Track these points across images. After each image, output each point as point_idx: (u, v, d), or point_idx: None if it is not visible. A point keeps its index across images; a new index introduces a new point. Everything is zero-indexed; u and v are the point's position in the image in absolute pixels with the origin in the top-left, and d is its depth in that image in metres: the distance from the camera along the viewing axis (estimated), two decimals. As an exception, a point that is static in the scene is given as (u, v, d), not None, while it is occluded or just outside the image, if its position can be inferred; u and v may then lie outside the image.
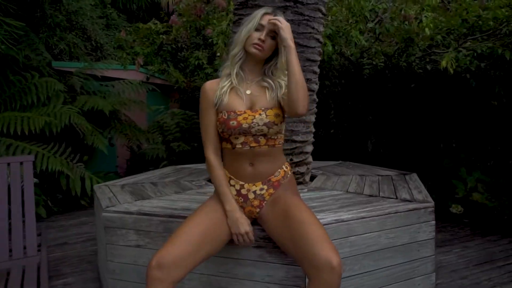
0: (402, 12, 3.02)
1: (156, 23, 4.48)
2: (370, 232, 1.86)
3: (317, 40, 2.59)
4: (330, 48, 3.21)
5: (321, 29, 2.64)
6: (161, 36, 4.36)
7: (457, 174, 4.29)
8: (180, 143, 6.06)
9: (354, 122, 4.78)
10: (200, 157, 6.47)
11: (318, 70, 2.67)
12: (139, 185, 2.71)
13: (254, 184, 1.64)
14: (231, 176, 1.66)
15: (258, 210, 1.65)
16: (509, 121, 3.97)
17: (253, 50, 1.57)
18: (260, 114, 1.57)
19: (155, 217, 1.92)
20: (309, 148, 2.68)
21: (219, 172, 1.64)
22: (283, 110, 1.62)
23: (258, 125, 1.55)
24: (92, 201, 3.99)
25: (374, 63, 4.07)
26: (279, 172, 1.66)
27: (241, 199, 1.65)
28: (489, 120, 4.11)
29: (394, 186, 2.50)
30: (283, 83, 1.61)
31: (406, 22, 3.25)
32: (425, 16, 3.07)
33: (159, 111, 6.35)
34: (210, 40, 4.74)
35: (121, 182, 2.82)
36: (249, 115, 1.57)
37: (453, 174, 4.30)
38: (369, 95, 4.40)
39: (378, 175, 2.87)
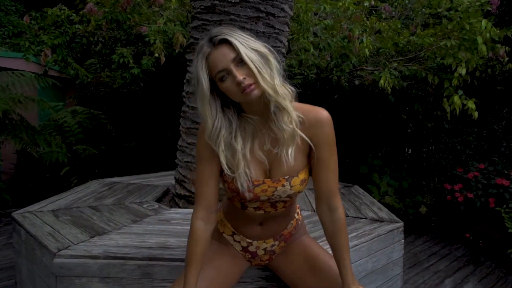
0: (349, 31, 3.14)
1: (64, 9, 3.80)
2: (360, 259, 1.87)
3: (283, 54, 2.51)
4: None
5: (286, 43, 2.56)
6: (75, 26, 3.70)
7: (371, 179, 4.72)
8: (85, 146, 5.33)
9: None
10: (113, 163, 5.81)
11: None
12: (76, 210, 2.25)
13: (264, 241, 1.39)
14: (235, 231, 1.39)
15: (267, 262, 1.49)
16: (417, 132, 4.52)
17: (247, 98, 1.07)
18: (283, 186, 1.19)
19: (131, 260, 1.60)
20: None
21: (197, 249, 1.20)
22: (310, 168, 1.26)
23: (280, 197, 1.23)
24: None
25: (305, 73, 4.17)
26: (291, 224, 1.42)
27: (248, 255, 1.44)
28: (400, 131, 4.61)
29: (352, 202, 2.58)
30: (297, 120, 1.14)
31: (346, 40, 3.40)
32: (364, 38, 3.26)
33: (57, 108, 5.49)
34: (132, 36, 4.25)
35: (48, 207, 2.30)
36: (269, 187, 1.19)
37: (369, 180, 4.71)
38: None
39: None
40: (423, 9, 3.57)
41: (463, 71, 3.20)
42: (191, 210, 2.29)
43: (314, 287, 1.35)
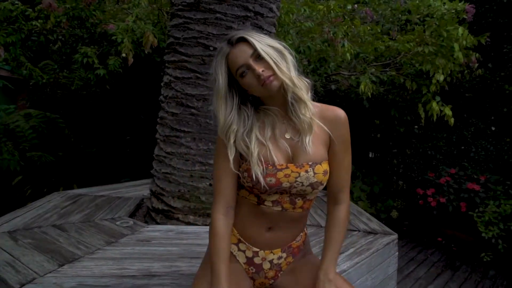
0: (333, 35, 3.05)
1: (17, 4, 3.40)
2: (359, 279, 1.76)
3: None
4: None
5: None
6: (31, 22, 3.31)
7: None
8: (40, 152, 4.89)
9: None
10: (71, 171, 5.37)
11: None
12: (38, 231, 1.96)
13: (271, 252, 1.26)
14: (241, 238, 1.26)
15: (271, 282, 1.32)
16: (389, 137, 4.54)
17: (267, 89, 1.10)
18: (306, 172, 1.16)
19: (111, 293, 1.37)
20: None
21: (223, 245, 1.19)
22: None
23: (302, 185, 1.16)
24: None
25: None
26: (301, 236, 1.32)
27: (251, 269, 1.28)
28: (372, 136, 4.61)
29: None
30: (314, 110, 1.19)
31: (327, 43, 3.31)
32: (346, 42, 3.19)
33: (8, 111, 5.02)
34: (96, 35, 3.92)
35: (3, 228, 1.99)
36: (292, 172, 1.15)
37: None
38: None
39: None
40: (400, 15, 3.58)
41: (441, 77, 3.22)
42: (172, 227, 2.12)
43: None
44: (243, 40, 1.11)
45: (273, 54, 1.10)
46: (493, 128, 4.27)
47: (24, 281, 1.40)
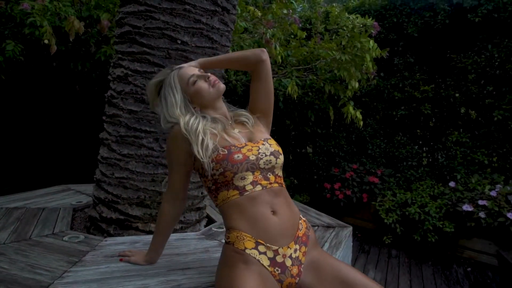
0: (268, 36, 3.12)
1: None
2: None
3: (229, 55, 2.30)
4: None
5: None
6: None
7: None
8: None
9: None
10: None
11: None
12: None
13: (288, 247, 1.30)
14: (258, 240, 1.26)
15: (297, 280, 1.33)
16: (298, 137, 4.85)
17: (216, 90, 1.42)
18: (263, 144, 1.37)
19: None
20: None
21: (164, 224, 1.48)
22: None
23: (266, 155, 1.33)
24: None
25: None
26: (301, 223, 1.39)
27: (277, 270, 1.26)
28: (284, 135, 4.87)
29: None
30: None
31: (257, 44, 3.38)
32: (278, 45, 3.32)
33: None
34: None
35: None
36: (252, 147, 1.34)
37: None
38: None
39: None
40: (319, 24, 3.88)
41: (356, 84, 3.61)
42: (135, 238, 1.90)
43: None
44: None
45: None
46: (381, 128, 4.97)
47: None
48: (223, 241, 1.37)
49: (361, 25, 3.74)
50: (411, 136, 4.89)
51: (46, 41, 2.46)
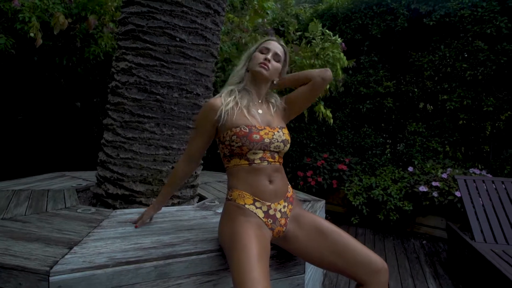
0: (243, 41, 3.43)
1: None
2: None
3: (217, 54, 2.60)
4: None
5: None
6: None
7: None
8: None
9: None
10: None
11: (211, 86, 2.61)
12: (-7, 226, 1.76)
13: (278, 203, 1.63)
14: (256, 198, 1.59)
15: (284, 228, 1.67)
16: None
17: (258, 69, 1.63)
18: (278, 132, 1.63)
19: (146, 263, 1.47)
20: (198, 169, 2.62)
21: (177, 179, 1.76)
22: None
23: (277, 141, 1.61)
24: None
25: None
26: (289, 188, 1.73)
27: (270, 221, 1.60)
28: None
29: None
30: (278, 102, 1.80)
31: (235, 46, 3.69)
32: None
33: None
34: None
35: None
36: (269, 131, 1.61)
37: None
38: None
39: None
40: (295, 32, 4.22)
41: (326, 87, 4.01)
42: (140, 210, 2.17)
43: (324, 247, 1.60)
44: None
45: (281, 63, 1.69)
46: (337, 122, 5.41)
47: (49, 264, 1.35)
48: (218, 211, 1.67)
49: (333, 42, 4.14)
50: (375, 128, 5.37)
51: (32, 35, 2.66)
